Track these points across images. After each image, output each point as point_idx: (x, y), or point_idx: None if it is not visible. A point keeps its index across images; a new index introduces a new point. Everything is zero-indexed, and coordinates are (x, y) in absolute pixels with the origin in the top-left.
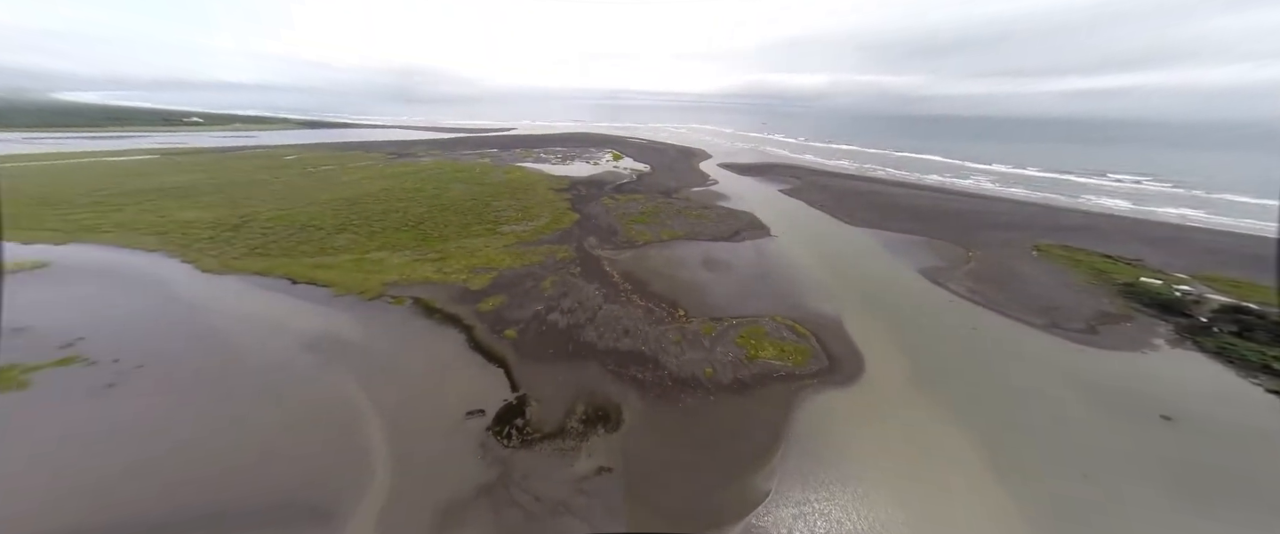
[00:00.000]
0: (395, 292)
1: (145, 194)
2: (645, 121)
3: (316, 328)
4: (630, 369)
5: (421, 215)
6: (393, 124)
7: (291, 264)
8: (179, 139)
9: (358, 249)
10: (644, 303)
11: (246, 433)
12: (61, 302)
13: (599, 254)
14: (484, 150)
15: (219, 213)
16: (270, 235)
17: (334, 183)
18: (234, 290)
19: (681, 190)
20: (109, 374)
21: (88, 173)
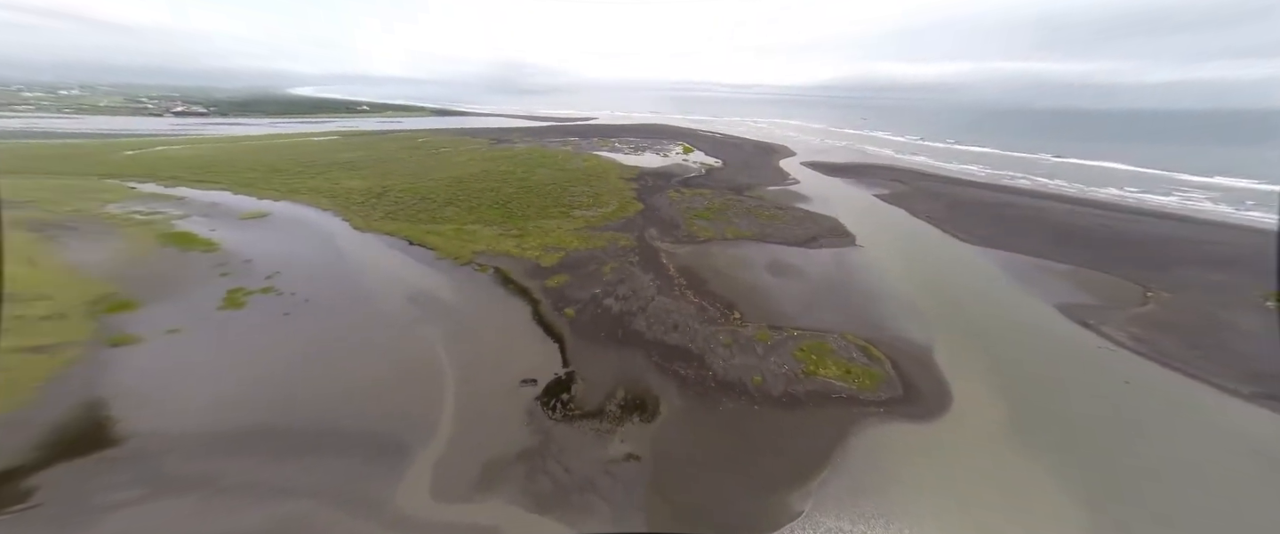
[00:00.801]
0: (482, 260)
1: (327, 166)
2: (721, 115)
3: (420, 284)
4: (674, 364)
5: (510, 195)
6: (497, 113)
7: (410, 228)
8: (352, 123)
9: (458, 220)
10: (698, 300)
11: (362, 365)
12: (271, 242)
13: (658, 246)
14: (567, 138)
15: (369, 183)
16: (399, 204)
17: (448, 163)
18: (371, 245)
19: (754, 188)
20: (289, 304)
21: (298, 148)
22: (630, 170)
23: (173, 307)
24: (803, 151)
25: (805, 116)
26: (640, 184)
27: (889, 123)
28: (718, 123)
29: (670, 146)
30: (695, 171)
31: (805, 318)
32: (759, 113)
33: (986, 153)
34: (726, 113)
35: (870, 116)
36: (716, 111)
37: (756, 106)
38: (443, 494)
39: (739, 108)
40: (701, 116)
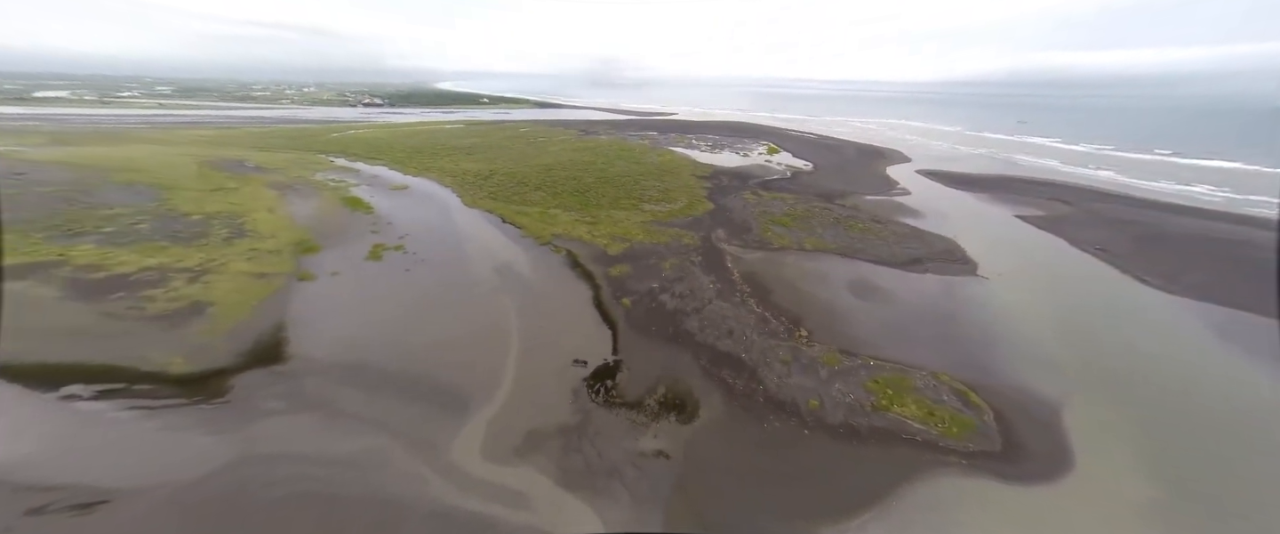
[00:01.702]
0: (558, 242)
1: (452, 150)
2: (818, 114)
3: (505, 256)
4: (722, 371)
5: (589, 184)
6: (587, 106)
7: (504, 207)
8: (475, 114)
9: (543, 204)
10: (760, 310)
11: (451, 322)
12: (407, 210)
13: (724, 248)
14: (646, 133)
15: (480, 166)
16: (500, 185)
17: (542, 151)
18: (474, 219)
19: (849, 196)
20: (410, 262)
21: (433, 134)
22: (704, 168)
23: (337, 253)
24: (921, 158)
25: (933, 117)
26: (713, 183)
27: (1060, 127)
28: (812, 122)
29: (752, 146)
30: (778, 174)
31: (889, 348)
32: (869, 112)
33: (1230, 169)
34: (826, 112)
35: (1030, 118)
36: (813, 110)
37: (866, 105)
38: (488, 452)
39: (842, 106)
40: (793, 114)
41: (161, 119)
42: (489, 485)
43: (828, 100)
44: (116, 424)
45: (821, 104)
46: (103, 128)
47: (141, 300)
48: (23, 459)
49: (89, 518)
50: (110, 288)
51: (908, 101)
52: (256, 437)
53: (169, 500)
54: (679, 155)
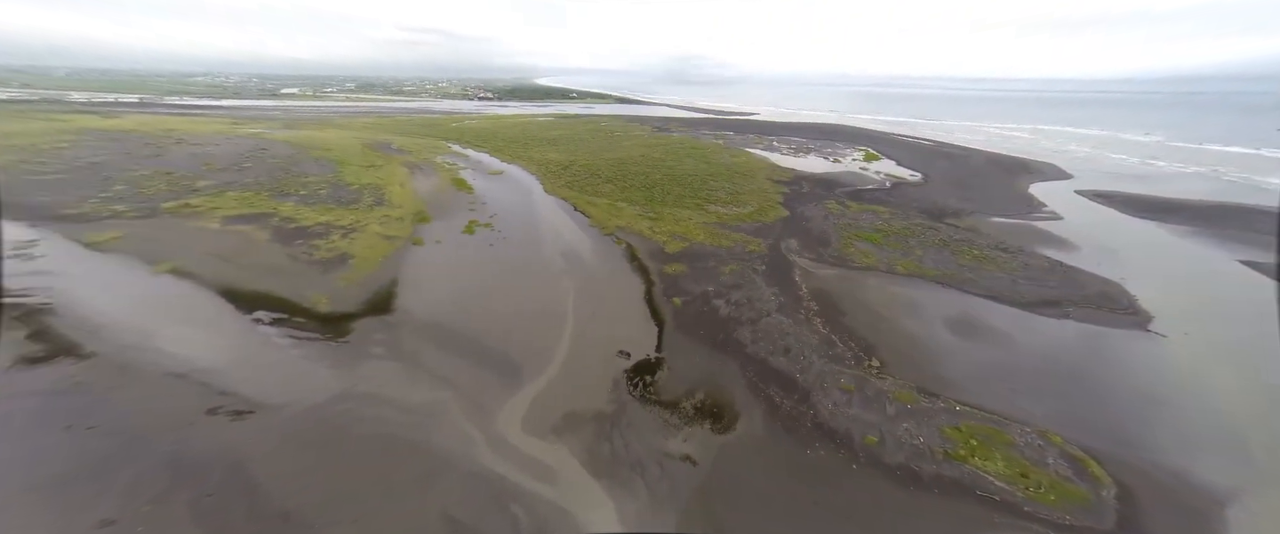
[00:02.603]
0: (620, 234)
1: (540, 142)
2: (938, 115)
3: (572, 242)
4: (770, 387)
5: (656, 181)
6: (664, 103)
7: (577, 196)
8: (563, 108)
9: (611, 196)
10: (826, 331)
11: (519, 297)
12: (499, 192)
13: (794, 260)
14: (721, 132)
15: (562, 156)
16: (576, 175)
17: (617, 146)
18: (551, 205)
19: (967, 216)
20: (495, 239)
21: (527, 126)
22: (784, 172)
23: (442, 224)
24: (1089, 174)
25: (1124, 122)
26: (792, 189)
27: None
28: (929, 126)
29: (846, 151)
30: (874, 183)
31: (986, 396)
32: (1019, 115)
33: None
34: (949, 113)
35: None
36: (930, 111)
37: (1016, 107)
38: (528, 425)
39: (976, 108)
40: (903, 117)
41: (345, 110)
42: (523, 457)
43: (954, 101)
44: (277, 348)
45: (944, 105)
46: (312, 116)
47: (312, 248)
48: (215, 365)
49: (239, 424)
50: (296, 236)
51: (1083, 103)
52: (359, 376)
53: (291, 420)
54: (755, 157)
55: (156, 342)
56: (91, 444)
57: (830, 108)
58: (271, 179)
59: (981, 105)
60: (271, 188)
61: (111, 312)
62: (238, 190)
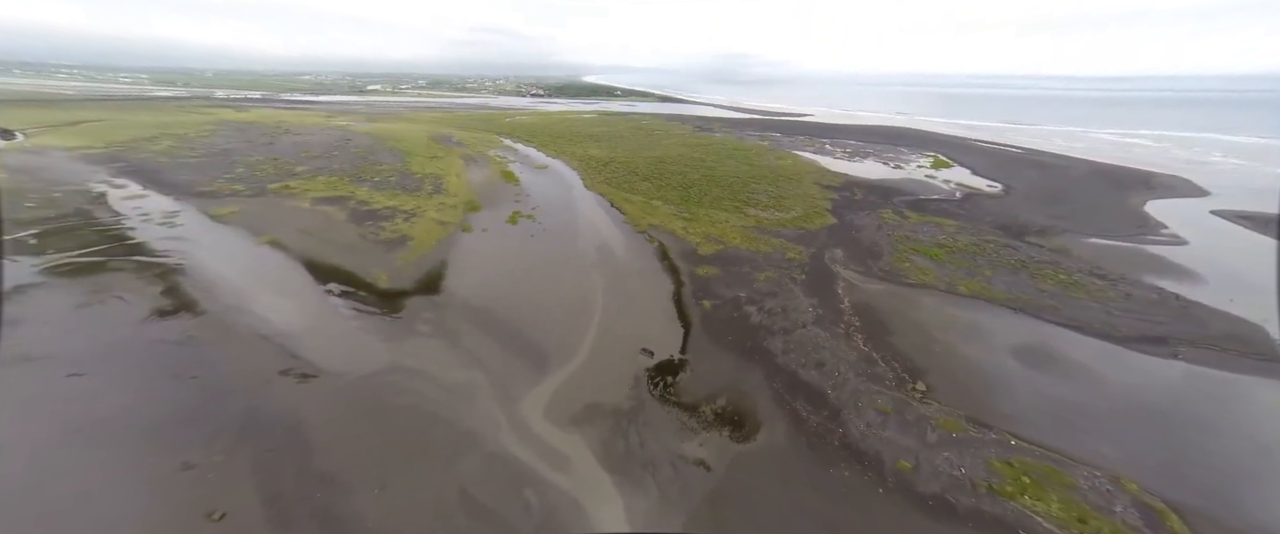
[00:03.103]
0: (653, 232)
1: (584, 138)
2: (1035, 119)
3: (606, 237)
4: (797, 400)
5: (694, 181)
6: (707, 102)
7: (614, 193)
8: (607, 105)
9: (647, 194)
10: (867, 348)
11: (553, 287)
12: (542, 185)
13: (838, 271)
14: (767, 133)
15: (603, 153)
16: (615, 172)
17: (656, 144)
18: (589, 199)
19: (1056, 235)
20: (536, 230)
21: (572, 123)
22: (835, 177)
23: (490, 214)
24: (1230, 190)
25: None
26: (842, 195)
27: None
28: (1022, 130)
29: (910, 156)
30: (941, 193)
31: (1051, 432)
32: (1133, 118)
33: None
34: (1048, 116)
35: None
36: (1023, 114)
37: (1126, 109)
38: (550, 414)
39: (1078, 110)
40: (987, 120)
41: (417, 105)
42: (541, 444)
43: (1051, 102)
44: (342, 319)
45: (1038, 107)
46: (390, 111)
47: (379, 229)
48: (291, 330)
49: (304, 386)
50: (367, 217)
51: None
52: (406, 351)
53: (346, 387)
54: (803, 160)
55: (252, 304)
56: (189, 393)
57: (896, 109)
58: (352, 166)
59: (1088, 107)
60: (352, 174)
61: (223, 275)
62: (326, 175)
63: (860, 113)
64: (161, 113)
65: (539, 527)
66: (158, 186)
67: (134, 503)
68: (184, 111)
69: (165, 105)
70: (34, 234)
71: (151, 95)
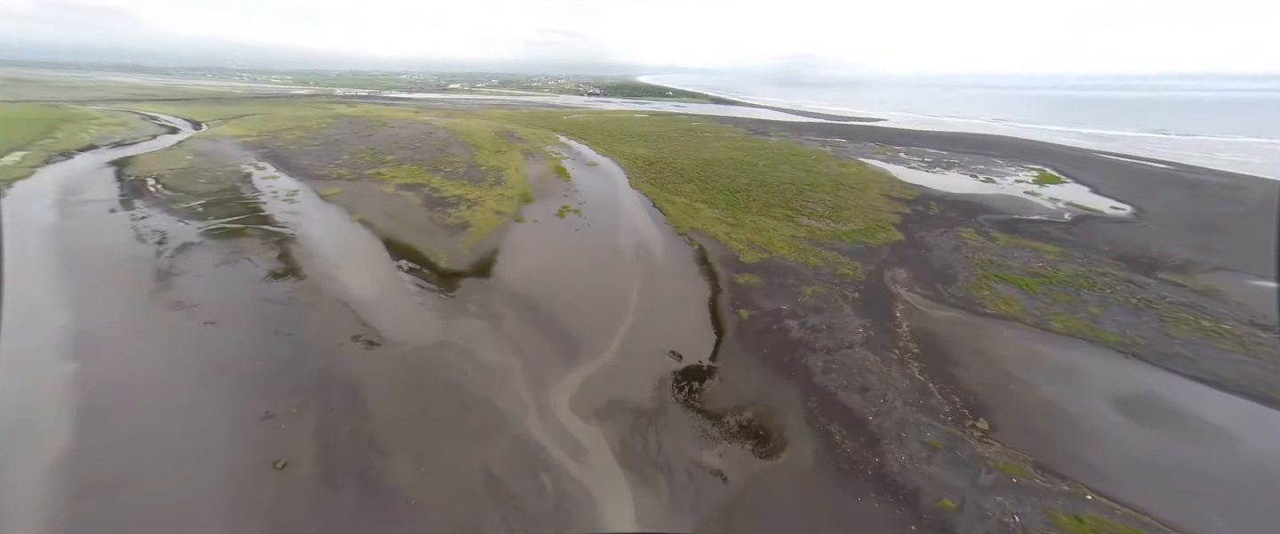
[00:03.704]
0: (694, 236)
1: (633, 137)
2: (1192, 127)
3: (645, 237)
4: (832, 423)
5: (742, 185)
6: (764, 104)
7: (657, 193)
8: (658, 106)
9: (691, 196)
10: (922, 378)
11: (591, 280)
12: (590, 181)
13: (899, 293)
14: (830, 139)
15: (649, 153)
16: (660, 172)
17: (705, 146)
18: (633, 199)
19: (1203, 271)
20: (580, 224)
21: (623, 122)
22: (908, 189)
23: (540, 206)
24: None
25: None
26: (914, 209)
27: None
28: (1171, 142)
29: (1006, 168)
30: (1044, 213)
31: (1144, 493)
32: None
33: None
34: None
35: None
36: (1182, 122)
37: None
38: (574, 404)
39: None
40: (1127, 130)
41: (488, 102)
42: (563, 433)
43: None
44: (406, 293)
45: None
46: (465, 107)
47: (445, 214)
48: (366, 300)
49: (369, 353)
50: (437, 204)
51: None
52: (454, 329)
53: (402, 357)
54: (870, 168)
55: (339, 273)
56: (281, 349)
57: (995, 115)
58: (431, 157)
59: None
60: (429, 164)
61: (323, 245)
62: (409, 164)
63: (946, 118)
64: (297, 108)
65: (551, 512)
66: (286, 169)
67: (218, 443)
68: (311, 107)
69: (299, 102)
70: (201, 203)
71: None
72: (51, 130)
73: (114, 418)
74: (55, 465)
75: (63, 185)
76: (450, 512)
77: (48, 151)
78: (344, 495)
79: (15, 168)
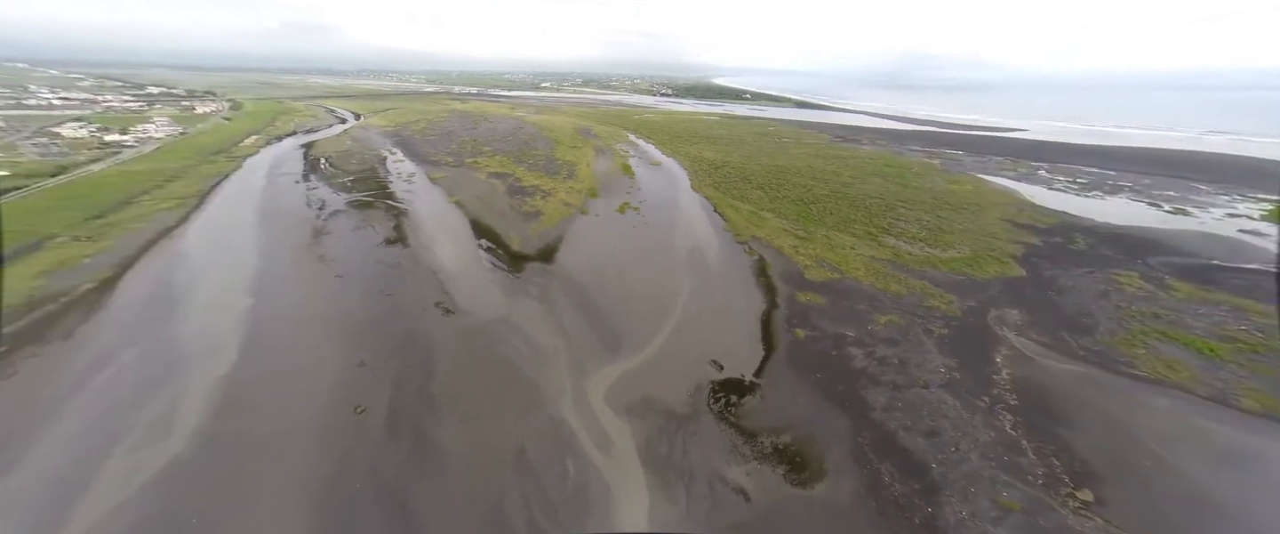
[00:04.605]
0: (754, 245)
1: (700, 139)
2: None
3: (702, 241)
4: (884, 462)
5: (818, 197)
6: (859, 110)
7: (720, 197)
8: (732, 108)
9: (758, 204)
10: (1014, 433)
11: (642, 278)
12: (653, 181)
13: (1005, 335)
14: (941, 150)
15: (717, 156)
16: (726, 177)
17: (781, 152)
18: (693, 201)
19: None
20: (639, 221)
21: (692, 123)
22: (1043, 215)
23: (604, 201)
24: None
25: None
26: (1049, 241)
27: None
28: None
29: (1216, 198)
30: (1264, 261)
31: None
32: None
33: None
34: None
35: None
36: None
37: None
38: (609, 397)
39: None
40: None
41: (571, 100)
42: (594, 422)
43: None
44: (483, 269)
45: None
46: (552, 104)
47: (523, 202)
48: (450, 271)
49: (445, 319)
50: (518, 192)
51: None
52: (515, 308)
53: (470, 327)
54: (991, 187)
55: (434, 246)
56: (383, 307)
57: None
58: (518, 149)
59: None
60: (516, 156)
61: (426, 221)
62: (500, 155)
63: (1124, 129)
64: (424, 103)
65: (569, 497)
66: (410, 155)
67: (320, 384)
68: (434, 103)
69: (427, 98)
70: (350, 179)
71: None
72: (274, 120)
73: (261, 350)
74: (217, 384)
75: (272, 161)
76: (480, 479)
77: (269, 136)
78: (399, 446)
79: (250, 147)
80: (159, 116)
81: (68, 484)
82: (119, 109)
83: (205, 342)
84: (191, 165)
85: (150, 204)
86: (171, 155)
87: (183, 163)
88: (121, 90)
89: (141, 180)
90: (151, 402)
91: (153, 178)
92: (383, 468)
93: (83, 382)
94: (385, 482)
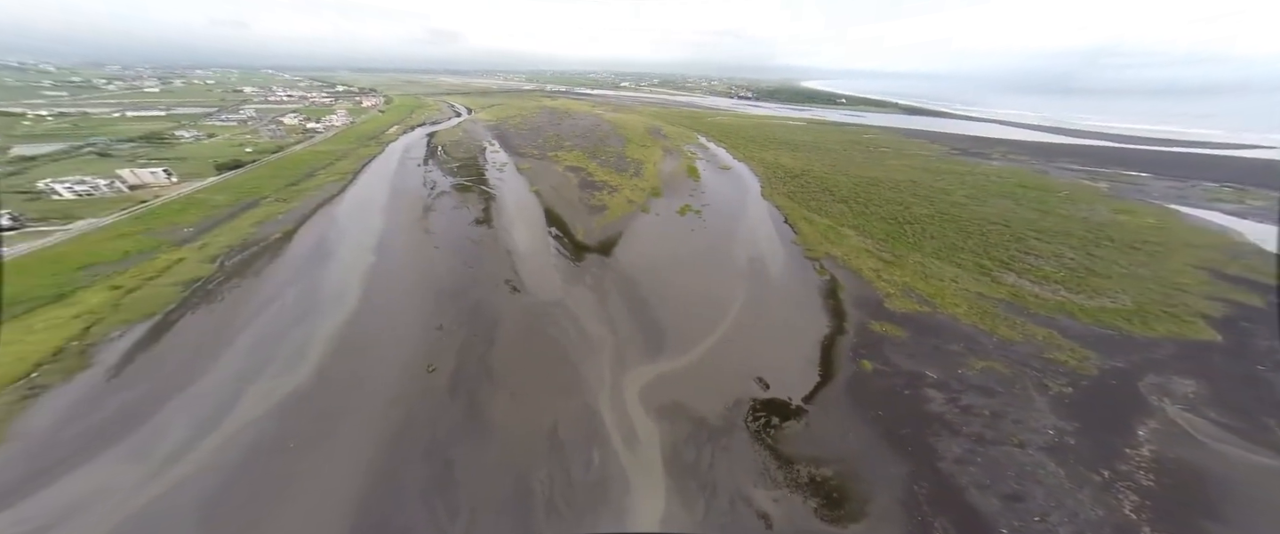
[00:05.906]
0: (827, 263)
1: (778, 145)
2: None
3: (766, 252)
4: (940, 517)
5: (917, 217)
6: (991, 118)
7: (794, 209)
8: (823, 113)
9: (838, 219)
10: (1134, 516)
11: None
12: (718, 184)
13: (1164, 408)
14: (1113, 170)
15: (795, 164)
16: (803, 187)
17: (876, 163)
18: (762, 209)
19: None
20: (699, 225)
21: (771, 128)
22: (1271, 267)
23: (666, 201)
24: None
25: None
26: (1273, 299)
27: None
28: None
29: None
30: None
31: None
32: None
33: None
34: None
35: None
36: None
37: None
38: (644, 396)
39: None
40: None
41: (646, 99)
42: (625, 418)
43: None
44: (549, 254)
45: None
46: (629, 103)
47: (592, 195)
48: (522, 253)
49: (512, 297)
50: (588, 186)
51: None
52: (570, 294)
53: (532, 306)
54: (1190, 222)
55: (512, 228)
56: (464, 279)
57: None
58: (593, 145)
59: None
60: (591, 151)
61: (508, 205)
62: (578, 150)
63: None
64: (521, 100)
65: (590, 485)
66: (505, 146)
67: (403, 344)
68: (530, 99)
69: (524, 95)
70: (456, 165)
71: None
72: (411, 114)
73: (373, 304)
74: (337, 329)
75: (405, 147)
76: (515, 450)
77: (405, 127)
78: (455, 406)
79: (392, 136)
80: (340, 109)
81: (224, 400)
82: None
83: (338, 289)
84: (353, 148)
85: (324, 177)
86: (342, 140)
87: (348, 146)
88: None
89: (321, 158)
90: (294, 334)
91: (328, 157)
92: (438, 425)
93: (259, 311)
94: (438, 438)
